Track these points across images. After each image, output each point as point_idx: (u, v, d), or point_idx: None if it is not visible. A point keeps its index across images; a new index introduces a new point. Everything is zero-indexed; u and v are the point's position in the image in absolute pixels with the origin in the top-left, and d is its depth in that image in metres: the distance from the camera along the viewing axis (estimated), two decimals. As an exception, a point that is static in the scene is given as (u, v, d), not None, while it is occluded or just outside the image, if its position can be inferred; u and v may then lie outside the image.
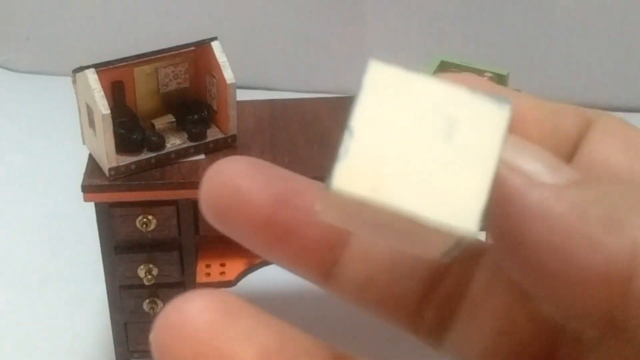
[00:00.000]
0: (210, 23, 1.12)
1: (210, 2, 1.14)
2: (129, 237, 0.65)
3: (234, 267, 0.66)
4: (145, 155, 0.62)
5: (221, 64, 0.62)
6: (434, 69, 0.68)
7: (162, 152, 0.63)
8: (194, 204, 0.64)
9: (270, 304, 0.88)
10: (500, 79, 0.67)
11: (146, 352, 0.71)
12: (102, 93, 0.58)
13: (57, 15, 1.19)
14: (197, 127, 0.64)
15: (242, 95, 0.76)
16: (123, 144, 0.62)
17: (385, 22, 1.14)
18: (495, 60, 0.83)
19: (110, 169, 0.61)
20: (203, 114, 0.65)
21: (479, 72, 0.68)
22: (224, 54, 0.62)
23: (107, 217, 0.64)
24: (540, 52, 1.15)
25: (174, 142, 0.64)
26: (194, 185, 0.63)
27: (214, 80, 0.64)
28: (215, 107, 0.65)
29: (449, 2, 1.13)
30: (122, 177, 0.61)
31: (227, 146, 0.65)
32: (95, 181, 0.62)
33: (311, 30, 1.14)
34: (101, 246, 0.65)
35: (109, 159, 0.60)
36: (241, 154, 0.65)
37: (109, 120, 0.58)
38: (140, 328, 0.70)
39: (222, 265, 0.66)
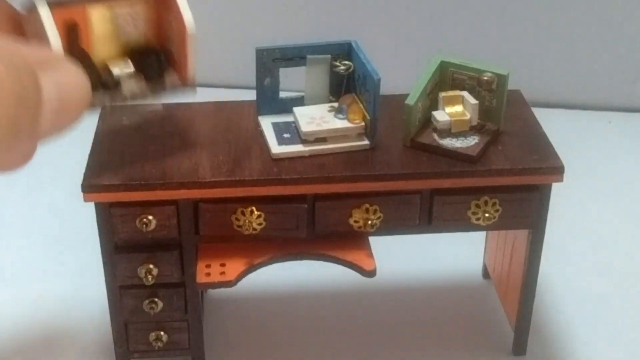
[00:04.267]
0: (209, 22, 1.12)
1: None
2: (129, 237, 0.65)
3: (234, 267, 0.66)
4: (99, 94, 0.59)
5: (179, 4, 0.57)
6: (434, 68, 0.68)
7: (116, 91, 0.60)
8: (194, 204, 0.64)
9: (271, 304, 0.88)
10: (500, 79, 0.67)
11: (146, 352, 0.71)
12: (54, 27, 0.54)
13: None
14: (154, 71, 0.61)
15: (244, 95, 0.76)
16: None
17: (384, 22, 1.14)
18: (495, 60, 0.83)
19: None
20: (161, 60, 0.61)
21: (479, 72, 0.68)
22: None
23: (107, 217, 0.64)
24: (540, 52, 1.15)
25: (130, 84, 0.60)
26: (194, 185, 0.63)
27: (173, 23, 0.59)
28: (174, 52, 0.61)
29: (449, 2, 1.13)
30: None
31: (185, 96, 0.62)
32: (95, 181, 0.62)
33: (310, 30, 1.14)
34: (101, 246, 0.65)
35: None
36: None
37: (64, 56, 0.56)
38: (140, 328, 0.70)
39: (222, 265, 0.66)
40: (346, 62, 0.68)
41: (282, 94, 0.69)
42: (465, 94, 0.68)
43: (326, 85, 0.69)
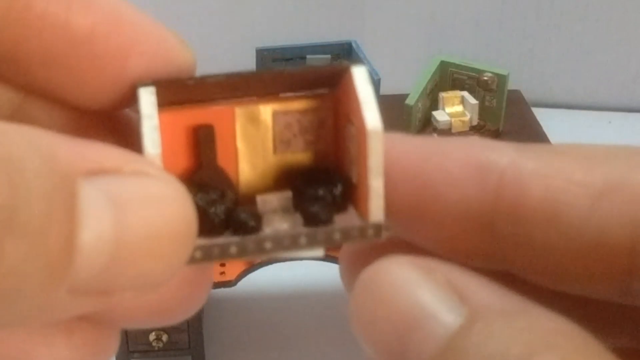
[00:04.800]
0: (209, 22, 1.12)
1: None
2: (129, 237, 0.64)
3: (234, 267, 0.66)
4: (222, 240, 0.31)
5: (361, 99, 0.31)
6: (434, 69, 0.68)
7: (252, 237, 0.32)
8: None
9: (271, 304, 0.88)
10: (500, 79, 0.67)
11: (146, 352, 0.71)
12: (155, 123, 0.29)
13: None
14: (321, 207, 0.33)
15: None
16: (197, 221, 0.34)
17: (384, 22, 1.14)
18: (495, 60, 0.83)
19: None
20: (334, 189, 0.33)
21: (479, 72, 0.68)
22: (369, 83, 0.31)
23: (107, 217, 0.63)
24: (540, 52, 1.15)
25: (278, 227, 0.33)
26: (194, 185, 0.62)
27: (353, 128, 0.33)
28: (354, 178, 0.34)
29: (449, 2, 1.13)
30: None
31: (364, 239, 0.32)
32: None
33: (310, 30, 1.14)
34: (101, 246, 0.65)
35: None
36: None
37: (158, 166, 0.29)
38: (140, 328, 0.70)
39: (222, 265, 0.66)
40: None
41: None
42: (465, 94, 0.68)
43: None
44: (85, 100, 0.22)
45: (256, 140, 0.31)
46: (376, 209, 0.28)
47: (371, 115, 0.28)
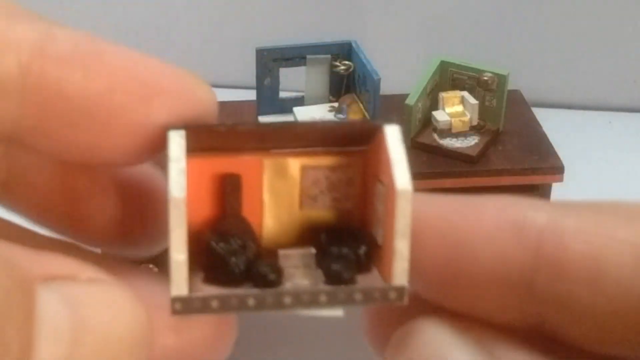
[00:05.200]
0: (209, 22, 1.12)
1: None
2: (129, 237, 0.64)
3: (234, 267, 0.66)
4: (241, 292, 0.31)
5: (392, 159, 0.31)
6: (434, 68, 0.68)
7: (271, 291, 0.32)
8: (194, 204, 0.63)
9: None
10: (500, 79, 0.67)
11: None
12: (183, 166, 0.27)
13: (60, 18, 1.19)
14: (341, 264, 0.32)
15: (244, 95, 0.76)
16: (215, 269, 0.32)
17: (384, 22, 1.14)
18: (495, 60, 0.83)
19: (175, 299, 0.29)
20: (357, 248, 0.32)
21: (479, 72, 0.68)
22: (401, 142, 0.30)
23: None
24: (540, 52, 1.15)
25: (299, 283, 0.33)
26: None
27: (381, 188, 0.32)
28: (379, 239, 0.32)
29: (449, 2, 1.13)
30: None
31: (386, 302, 0.31)
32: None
33: (310, 30, 1.14)
34: (101, 246, 0.65)
35: (177, 280, 0.30)
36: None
37: (182, 209, 0.28)
38: (140, 328, 0.70)
39: (222, 265, 0.66)
40: (346, 62, 0.68)
41: (282, 94, 0.69)
42: (465, 94, 0.68)
43: (326, 85, 0.69)
44: (111, 155, 0.22)
45: (283, 193, 0.30)
46: (400, 272, 0.27)
47: (401, 175, 0.29)
